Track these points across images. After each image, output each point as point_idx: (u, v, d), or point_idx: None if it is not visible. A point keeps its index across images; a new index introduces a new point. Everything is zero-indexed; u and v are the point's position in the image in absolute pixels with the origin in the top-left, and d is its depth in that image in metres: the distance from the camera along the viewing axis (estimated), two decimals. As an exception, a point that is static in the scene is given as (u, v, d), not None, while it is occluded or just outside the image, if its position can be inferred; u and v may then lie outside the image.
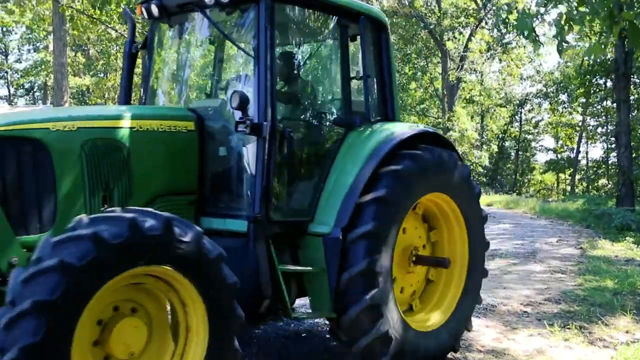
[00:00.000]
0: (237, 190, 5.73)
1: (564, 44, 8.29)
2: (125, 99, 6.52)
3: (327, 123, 6.56)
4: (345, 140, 6.00)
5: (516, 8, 12.11)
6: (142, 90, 6.72)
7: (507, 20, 12.68)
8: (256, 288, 5.03)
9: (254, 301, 5.07)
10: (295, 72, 6.69)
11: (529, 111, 53.24)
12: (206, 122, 5.65)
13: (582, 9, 8.11)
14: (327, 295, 5.42)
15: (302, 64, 7.05)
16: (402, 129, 6.13)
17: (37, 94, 63.20)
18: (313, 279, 5.56)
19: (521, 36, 10.74)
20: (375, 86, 6.61)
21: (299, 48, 6.99)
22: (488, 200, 32.18)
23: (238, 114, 5.10)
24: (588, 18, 7.96)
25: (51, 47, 38.06)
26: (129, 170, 5.14)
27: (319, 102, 6.88)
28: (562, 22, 8.00)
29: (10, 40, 61.24)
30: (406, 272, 6.18)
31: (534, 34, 7.73)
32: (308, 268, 5.51)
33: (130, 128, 5.19)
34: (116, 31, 24.87)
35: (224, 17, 5.72)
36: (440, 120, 45.64)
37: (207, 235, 4.28)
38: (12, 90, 64.16)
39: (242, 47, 5.97)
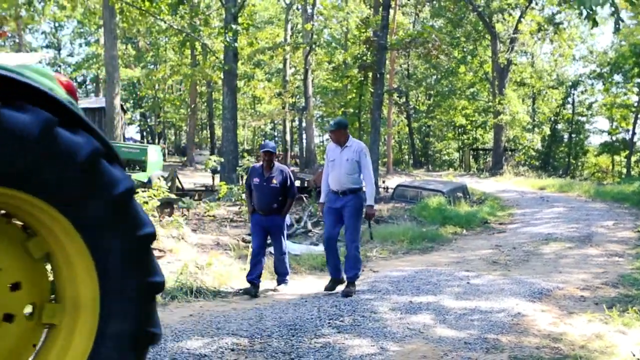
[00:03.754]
0: None
1: (620, 22, 8.05)
2: None
3: None
4: None
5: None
6: None
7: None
8: None
9: None
10: None
11: (582, 92, 52.17)
12: None
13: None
14: None
15: None
16: None
17: (89, 86, 64.45)
18: None
19: (581, 16, 10.53)
20: None
21: None
22: (541, 184, 31.67)
23: None
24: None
25: (102, 41, 38.71)
26: None
27: None
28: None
29: (63, 35, 62.68)
30: None
31: (591, 11, 7.51)
32: None
33: None
34: (165, 22, 25.04)
35: None
36: (490, 103, 45.10)
37: None
38: (65, 83, 65.46)
39: None
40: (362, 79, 26.53)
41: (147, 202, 12.85)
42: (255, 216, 8.99)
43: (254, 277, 8.79)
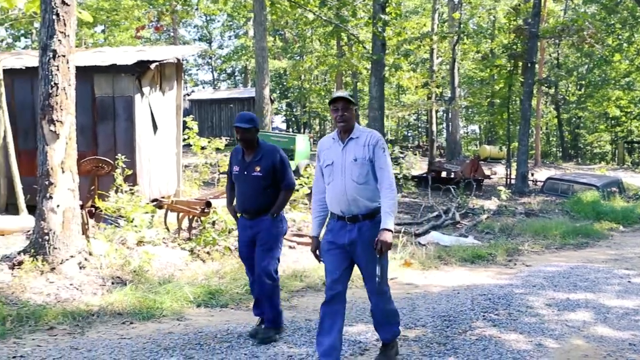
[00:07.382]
0: None
1: None
2: None
3: None
4: None
5: None
6: None
7: None
8: None
9: None
10: None
11: None
12: None
13: None
14: None
15: None
16: None
17: (237, 77, 66.57)
18: None
19: None
20: None
21: None
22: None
23: None
24: None
25: (251, 33, 39.89)
26: None
27: None
28: None
29: (214, 28, 64.95)
30: None
31: None
32: None
33: None
34: (314, 14, 25.41)
35: None
36: (648, 94, 42.77)
37: None
38: (215, 74, 68.06)
39: None
40: (512, 68, 25.83)
41: (297, 190, 13.12)
42: (239, 221, 6.17)
43: (257, 311, 6.19)
